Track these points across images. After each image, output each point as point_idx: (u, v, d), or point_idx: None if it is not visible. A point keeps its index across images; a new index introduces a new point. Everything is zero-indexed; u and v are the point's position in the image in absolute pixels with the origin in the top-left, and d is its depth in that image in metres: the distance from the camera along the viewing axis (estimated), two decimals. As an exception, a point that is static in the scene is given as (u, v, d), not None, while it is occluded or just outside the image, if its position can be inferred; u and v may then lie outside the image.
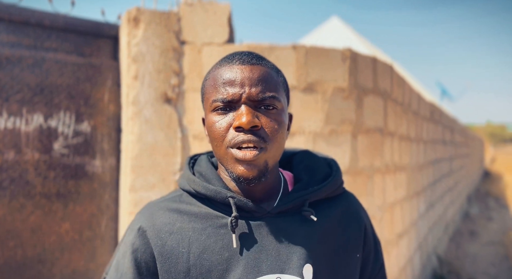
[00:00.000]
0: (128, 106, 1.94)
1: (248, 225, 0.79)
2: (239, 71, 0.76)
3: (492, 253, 5.21)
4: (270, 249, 0.78)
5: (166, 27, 1.97)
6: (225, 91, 0.75)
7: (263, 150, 0.74)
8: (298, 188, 0.84)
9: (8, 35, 1.88)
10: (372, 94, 2.27)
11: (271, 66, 0.81)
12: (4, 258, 1.83)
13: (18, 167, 1.87)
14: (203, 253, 0.77)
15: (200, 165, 0.88)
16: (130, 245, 0.80)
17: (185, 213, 0.81)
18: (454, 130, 6.59)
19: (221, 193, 0.79)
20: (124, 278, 0.79)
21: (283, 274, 0.76)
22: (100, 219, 2.08)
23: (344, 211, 0.87)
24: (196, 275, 0.76)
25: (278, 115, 0.77)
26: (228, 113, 0.76)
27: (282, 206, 0.81)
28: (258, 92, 0.75)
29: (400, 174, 2.78)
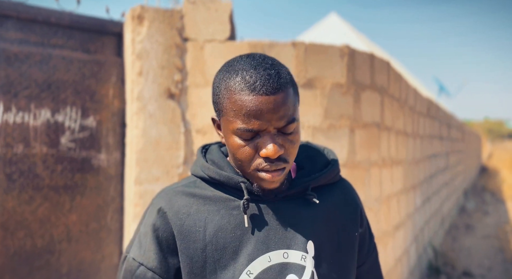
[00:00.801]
0: (133, 102, 2.01)
1: (257, 207, 0.87)
2: (265, 102, 0.78)
3: (487, 246, 5.30)
4: (278, 228, 0.86)
5: (169, 24, 2.03)
6: (251, 122, 0.79)
7: (285, 169, 0.83)
8: (301, 175, 0.92)
9: (16, 32, 1.94)
10: (370, 90, 2.33)
11: (288, 81, 0.82)
12: (15, 248, 1.90)
13: (27, 160, 1.93)
14: (218, 232, 0.85)
15: (212, 154, 0.94)
16: (151, 225, 0.87)
17: (200, 197, 0.88)
18: (451, 126, 6.67)
19: (234, 178, 0.86)
20: (148, 254, 0.86)
21: (290, 250, 0.85)
22: (106, 211, 2.14)
23: (342, 195, 0.96)
24: (212, 251, 0.84)
25: (297, 134, 0.84)
26: (253, 140, 0.81)
27: (288, 191, 0.88)
28: (283, 124, 0.80)
29: (396, 167, 2.86)
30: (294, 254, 0.85)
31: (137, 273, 0.87)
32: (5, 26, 1.90)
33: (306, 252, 0.86)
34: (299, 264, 0.85)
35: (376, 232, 2.37)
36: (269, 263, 0.84)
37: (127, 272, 0.89)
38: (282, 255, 0.85)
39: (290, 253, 0.85)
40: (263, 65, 0.81)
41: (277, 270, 0.84)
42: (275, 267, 0.84)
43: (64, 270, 2.01)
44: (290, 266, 0.84)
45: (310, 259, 0.86)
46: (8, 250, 1.88)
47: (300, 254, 0.85)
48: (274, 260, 0.84)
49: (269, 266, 0.84)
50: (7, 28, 1.91)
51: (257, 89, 0.78)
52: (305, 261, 0.85)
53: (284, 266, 0.84)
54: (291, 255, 0.85)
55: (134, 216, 1.96)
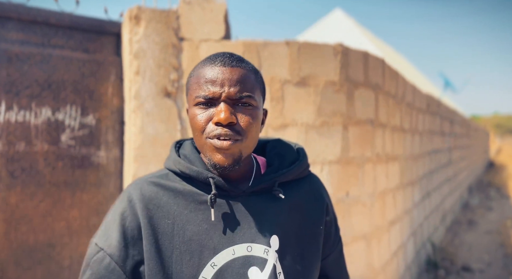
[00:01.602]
0: (131, 100, 2.06)
1: (225, 202, 0.90)
2: (220, 71, 0.86)
3: (488, 242, 5.31)
4: (243, 223, 0.89)
5: (165, 24, 2.08)
6: (207, 89, 0.85)
7: (238, 141, 0.85)
8: (269, 171, 0.96)
9: (17, 33, 2.00)
10: (363, 87, 2.37)
11: (250, 68, 0.90)
12: (18, 242, 1.97)
13: (28, 157, 2.00)
14: (186, 225, 0.88)
15: (185, 149, 0.98)
16: (120, 213, 0.89)
17: (170, 190, 0.91)
18: (454, 122, 6.66)
19: (203, 173, 0.90)
20: (109, 241, 0.88)
21: (253, 243, 0.88)
22: (106, 207, 2.21)
23: (308, 190, 1.00)
24: (179, 243, 0.87)
25: (253, 112, 0.87)
26: (209, 109, 0.86)
27: (255, 186, 0.92)
28: (236, 92, 0.85)
29: (392, 163, 2.89)
30: (257, 247, 0.88)
31: (95, 257, 0.88)
32: (6, 27, 1.97)
33: (269, 246, 0.89)
34: (262, 257, 0.88)
35: (370, 227, 2.41)
36: (233, 255, 0.87)
37: (88, 255, 0.90)
38: (246, 249, 0.88)
39: (254, 247, 0.88)
40: (229, 53, 0.90)
41: (240, 262, 0.87)
42: (239, 260, 0.87)
43: (66, 263, 2.09)
44: (253, 259, 0.88)
45: (273, 253, 0.89)
46: (12, 244, 1.96)
47: (263, 247, 0.88)
48: (238, 253, 0.87)
49: (233, 258, 0.87)
50: (8, 29, 1.97)
51: (217, 61, 0.87)
52: (267, 254, 0.88)
53: (247, 259, 0.87)
54: (255, 248, 0.88)
55: (132, 211, 2.03)
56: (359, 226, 2.32)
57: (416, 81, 11.68)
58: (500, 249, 4.97)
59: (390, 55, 11.95)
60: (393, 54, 13.88)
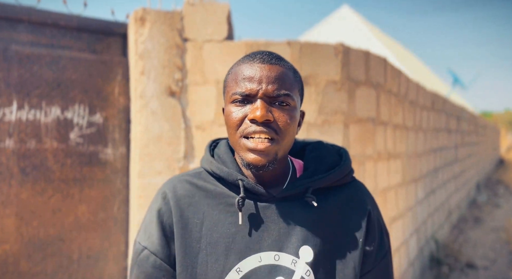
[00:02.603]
0: (136, 100, 2.13)
1: (254, 206, 0.87)
2: (258, 69, 0.83)
3: (494, 239, 5.31)
4: (272, 229, 0.85)
5: (170, 25, 2.13)
6: (244, 86, 0.83)
7: (274, 141, 0.82)
8: (304, 176, 0.90)
9: (27, 35, 2.07)
10: (364, 86, 2.40)
11: (289, 66, 0.87)
12: (29, 236, 2.05)
13: (39, 155, 2.08)
14: (214, 226, 0.86)
15: (219, 148, 0.96)
16: (156, 211, 0.90)
17: (202, 189, 0.90)
18: (461, 119, 6.63)
19: (233, 174, 0.87)
20: (151, 239, 0.88)
21: (281, 252, 0.84)
22: (113, 202, 2.28)
23: (349, 199, 0.91)
24: (205, 244, 0.85)
25: (290, 111, 0.84)
26: (245, 106, 0.84)
27: (286, 192, 0.87)
28: (273, 90, 0.82)
29: (394, 161, 2.92)
30: (285, 257, 0.84)
31: (141, 256, 0.89)
32: (17, 29, 2.04)
33: (297, 257, 0.84)
34: (289, 268, 0.83)
35: (370, 223, 2.45)
36: (259, 263, 0.83)
37: (134, 255, 0.91)
38: (273, 257, 0.84)
39: (281, 256, 0.84)
40: (268, 51, 0.89)
41: (266, 271, 0.83)
42: (265, 268, 0.83)
43: (75, 257, 2.17)
44: (280, 269, 0.83)
45: (302, 265, 0.83)
46: (23, 238, 2.04)
47: (291, 258, 0.84)
48: (265, 261, 0.84)
49: (259, 266, 0.83)
50: (19, 31, 2.05)
51: (255, 59, 0.86)
52: (295, 265, 0.83)
53: (274, 268, 0.83)
54: (282, 258, 0.84)
55: (138, 207, 2.10)
56: (360, 222, 2.36)
57: (425, 78, 11.62)
58: (506, 246, 4.98)
59: (398, 52, 11.89)
60: (401, 50, 13.80)
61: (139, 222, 2.08)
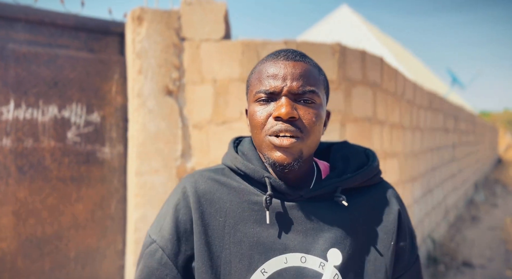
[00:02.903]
0: (134, 98, 2.13)
1: (281, 205, 0.83)
2: (282, 66, 0.81)
3: (491, 238, 5.33)
4: (299, 230, 0.81)
5: (167, 25, 2.14)
6: (268, 84, 0.81)
7: (299, 139, 0.79)
8: (332, 175, 0.87)
9: (25, 33, 2.08)
10: (361, 85, 2.41)
11: (314, 64, 0.85)
12: (26, 234, 2.06)
13: (36, 154, 2.09)
14: (237, 224, 0.82)
15: (243, 146, 0.93)
16: (174, 205, 0.87)
17: (225, 185, 0.86)
18: (458, 118, 6.65)
19: (259, 172, 0.84)
20: (162, 233, 0.85)
21: (308, 254, 0.80)
22: (110, 201, 2.29)
23: (378, 200, 0.88)
24: (229, 243, 0.82)
25: (316, 109, 0.81)
26: (269, 104, 0.81)
27: (315, 191, 0.84)
28: (298, 86, 0.79)
29: (391, 160, 2.93)
30: (312, 259, 0.80)
31: (149, 248, 0.86)
32: (15, 28, 2.05)
33: (325, 259, 0.80)
34: (316, 271, 0.80)
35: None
36: (285, 264, 0.80)
37: (144, 246, 0.89)
38: (300, 259, 0.80)
39: (308, 258, 0.80)
40: (292, 49, 0.87)
41: (292, 273, 0.80)
42: (291, 270, 0.80)
43: (72, 255, 2.18)
44: (307, 271, 0.80)
45: (330, 268, 0.80)
46: (20, 236, 2.05)
47: (319, 260, 0.80)
48: (291, 263, 0.80)
49: (285, 267, 0.80)
50: (16, 30, 2.05)
51: (280, 56, 0.84)
52: (323, 268, 0.80)
53: (300, 270, 0.80)
54: (309, 260, 0.80)
55: (135, 205, 2.10)
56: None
57: (423, 78, 11.63)
58: (502, 245, 5.00)
59: (397, 52, 11.91)
60: (400, 50, 13.82)
61: (136, 220, 2.09)
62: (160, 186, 2.10)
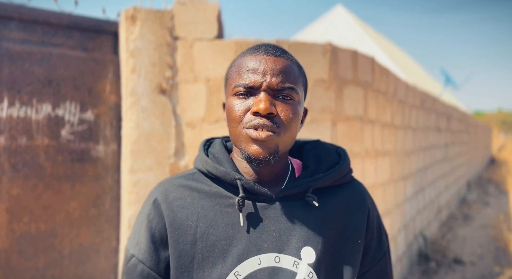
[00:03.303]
0: (127, 97, 2.15)
1: (253, 206, 0.83)
2: (263, 60, 0.81)
3: (482, 236, 5.41)
4: (272, 230, 0.82)
5: (160, 24, 2.16)
6: (248, 78, 0.81)
7: (276, 133, 0.79)
8: (304, 175, 0.87)
9: (18, 32, 2.09)
10: (352, 84, 2.45)
11: (294, 60, 0.86)
12: (21, 232, 2.08)
13: (30, 151, 2.10)
14: (210, 228, 0.82)
15: (214, 148, 0.92)
16: (146, 216, 0.87)
17: (196, 190, 0.86)
18: (451, 118, 6.72)
19: (230, 174, 0.84)
20: (140, 246, 0.86)
21: (282, 254, 0.81)
22: (104, 199, 2.31)
23: (349, 199, 0.90)
24: (201, 248, 0.82)
25: (294, 106, 0.81)
26: (248, 98, 0.81)
27: (287, 191, 0.85)
28: (278, 82, 0.80)
29: (382, 158, 2.97)
30: (286, 259, 0.81)
31: (129, 263, 0.86)
32: (8, 27, 2.06)
33: (299, 258, 0.82)
34: (291, 270, 0.81)
35: (358, 219, 2.51)
36: (259, 265, 0.80)
37: (124, 262, 0.89)
38: (274, 259, 0.81)
39: (282, 258, 0.81)
40: (273, 44, 0.87)
41: (267, 274, 0.80)
42: (265, 271, 0.80)
43: (66, 252, 2.19)
44: (281, 271, 0.80)
45: (304, 266, 0.81)
46: (15, 233, 2.07)
47: (292, 259, 0.81)
48: (265, 263, 0.81)
49: (259, 269, 0.80)
50: (10, 28, 2.07)
51: (260, 50, 0.83)
52: (297, 267, 0.81)
53: (275, 270, 0.80)
54: (283, 260, 0.81)
55: (128, 203, 2.13)
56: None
57: (417, 78, 11.71)
58: (493, 243, 5.07)
59: (391, 51, 11.98)
60: (395, 50, 13.90)
61: (130, 218, 2.11)
62: (153, 183, 2.12)
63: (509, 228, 5.56)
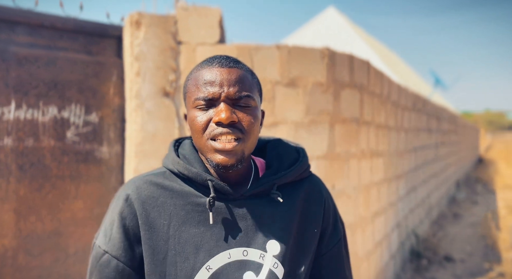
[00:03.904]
0: (132, 100, 2.22)
1: (223, 205, 0.90)
2: (218, 73, 0.86)
3: (471, 234, 5.56)
4: (240, 226, 0.89)
5: (164, 29, 2.23)
6: (206, 91, 0.85)
7: (241, 140, 0.85)
8: (268, 174, 0.94)
9: (26, 36, 2.14)
10: (349, 88, 2.54)
11: (247, 69, 0.91)
12: (27, 231, 2.12)
13: (36, 153, 2.15)
14: (182, 226, 0.88)
15: (184, 149, 0.96)
16: (118, 213, 0.89)
17: (168, 189, 0.90)
18: (441, 119, 6.87)
19: (202, 175, 0.89)
20: (112, 242, 0.88)
21: (249, 248, 0.88)
22: (108, 199, 2.36)
23: (308, 192, 0.98)
24: (174, 244, 0.87)
25: (253, 112, 0.88)
26: (209, 110, 0.86)
27: (253, 189, 0.91)
28: (235, 92, 0.85)
29: (377, 159, 3.07)
30: (253, 252, 0.88)
31: (101, 260, 0.88)
32: (16, 31, 2.11)
33: (265, 251, 0.89)
34: (257, 262, 0.88)
35: (354, 218, 2.59)
36: (229, 259, 0.87)
37: (93, 259, 0.90)
38: (242, 253, 0.88)
39: (250, 251, 0.88)
40: (225, 56, 0.92)
41: (236, 266, 0.87)
42: (234, 264, 0.87)
43: (71, 251, 2.25)
44: (249, 263, 0.88)
45: (270, 258, 0.88)
46: (22, 233, 2.11)
47: (259, 252, 0.88)
48: (234, 257, 0.87)
49: (228, 262, 0.87)
50: (18, 33, 2.11)
51: (214, 63, 0.89)
52: (263, 259, 0.88)
53: (243, 263, 0.87)
54: (250, 253, 0.88)
55: (133, 202, 2.19)
56: (344, 216, 2.50)
57: (408, 79, 11.89)
58: (482, 240, 5.22)
59: (382, 53, 12.15)
60: (386, 52, 14.08)
61: (135, 217, 2.18)
62: (157, 183, 2.19)
63: (497, 226, 5.72)
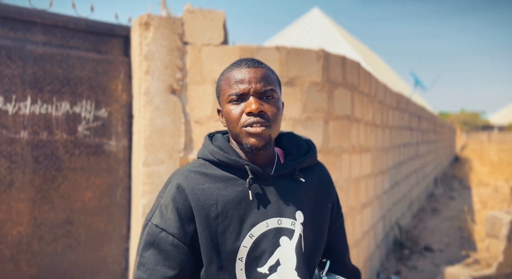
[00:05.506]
0: (141, 96, 2.36)
1: (257, 184, 1.08)
2: (246, 72, 1.05)
3: (448, 226, 5.89)
4: (273, 201, 1.08)
5: (171, 30, 2.37)
6: (238, 87, 1.04)
7: (267, 127, 1.04)
8: (290, 159, 1.14)
9: (40, 35, 2.25)
10: (342, 87, 2.74)
11: (268, 68, 1.10)
12: (41, 219, 2.24)
13: (50, 145, 2.27)
14: (227, 204, 1.05)
15: (218, 141, 1.14)
16: (172, 199, 1.06)
17: (210, 176, 1.08)
18: (421, 118, 7.18)
19: (239, 161, 1.07)
20: (168, 222, 1.05)
21: (282, 217, 1.08)
22: (116, 190, 2.50)
23: (320, 175, 1.19)
24: (222, 219, 1.05)
25: (276, 103, 1.06)
26: (240, 104, 1.05)
27: (279, 172, 1.10)
28: (261, 87, 1.04)
29: (365, 154, 3.29)
30: (286, 221, 1.07)
31: (159, 236, 1.05)
32: (32, 31, 2.22)
33: (295, 219, 1.09)
34: (290, 228, 1.07)
35: (345, 208, 2.80)
36: (267, 228, 1.05)
37: (150, 236, 1.06)
38: (277, 222, 1.06)
39: (283, 220, 1.07)
40: (249, 58, 1.12)
41: (273, 233, 1.05)
42: (272, 231, 1.06)
43: (82, 238, 2.37)
44: (283, 230, 1.07)
45: (299, 225, 1.08)
46: (36, 221, 2.23)
47: (290, 221, 1.07)
48: (271, 225, 1.06)
49: (267, 230, 1.05)
50: (33, 32, 2.23)
51: (242, 65, 1.07)
52: (294, 226, 1.07)
53: (278, 230, 1.06)
54: (284, 221, 1.07)
55: (142, 193, 2.33)
56: (336, 206, 2.71)
57: (389, 80, 12.26)
58: (458, 232, 5.55)
59: (365, 54, 12.48)
60: (368, 53, 14.44)
61: (144, 206, 2.32)
62: (165, 175, 2.33)
63: (472, 219, 6.06)
